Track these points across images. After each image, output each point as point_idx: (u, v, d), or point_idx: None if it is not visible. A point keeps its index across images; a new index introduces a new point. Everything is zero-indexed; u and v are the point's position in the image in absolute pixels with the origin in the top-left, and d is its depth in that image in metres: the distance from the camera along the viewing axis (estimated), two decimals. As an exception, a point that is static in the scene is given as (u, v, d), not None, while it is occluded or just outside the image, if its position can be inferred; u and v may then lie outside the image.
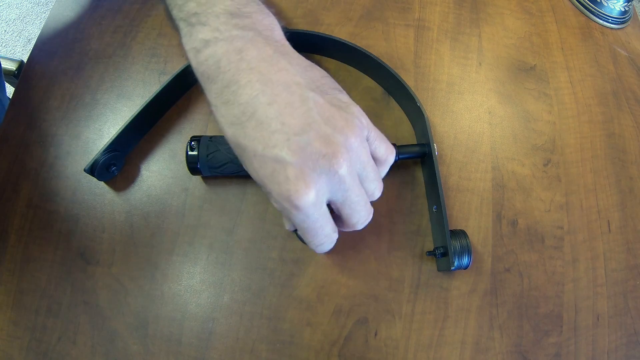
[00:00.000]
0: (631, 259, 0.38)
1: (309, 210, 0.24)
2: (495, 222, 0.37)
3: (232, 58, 0.24)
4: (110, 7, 0.43)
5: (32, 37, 1.38)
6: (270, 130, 0.23)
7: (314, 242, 0.27)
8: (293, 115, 0.23)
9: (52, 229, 0.35)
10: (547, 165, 0.40)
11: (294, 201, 0.23)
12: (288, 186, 0.23)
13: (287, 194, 0.23)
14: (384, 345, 0.33)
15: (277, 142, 0.23)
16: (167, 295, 0.34)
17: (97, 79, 0.40)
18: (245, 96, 0.23)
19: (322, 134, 0.23)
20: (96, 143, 0.38)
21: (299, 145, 0.23)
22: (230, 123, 0.24)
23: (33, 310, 0.33)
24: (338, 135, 0.24)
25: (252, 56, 0.24)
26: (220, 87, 0.24)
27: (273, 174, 0.23)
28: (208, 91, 0.25)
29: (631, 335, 0.35)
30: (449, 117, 0.41)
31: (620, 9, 0.49)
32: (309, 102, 0.24)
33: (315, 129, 0.23)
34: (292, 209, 0.24)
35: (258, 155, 0.23)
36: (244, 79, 0.24)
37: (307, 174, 0.23)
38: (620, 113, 0.44)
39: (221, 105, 0.24)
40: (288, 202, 0.23)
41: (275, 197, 0.24)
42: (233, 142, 0.25)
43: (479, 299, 0.35)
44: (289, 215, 0.25)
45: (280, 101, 0.23)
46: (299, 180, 0.23)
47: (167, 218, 0.36)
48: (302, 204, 0.23)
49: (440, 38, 0.44)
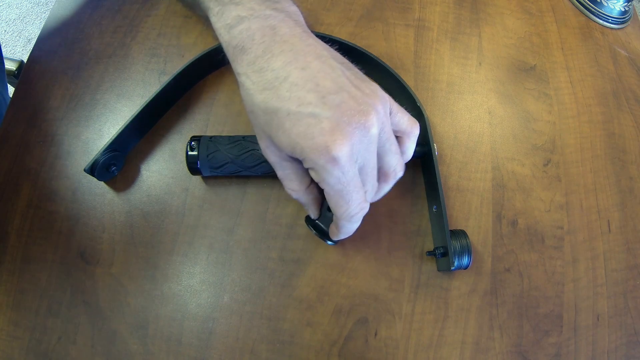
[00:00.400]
0: (631, 259, 0.38)
1: (346, 165, 0.24)
2: (495, 222, 0.37)
3: (266, 32, 0.26)
4: (110, 7, 0.43)
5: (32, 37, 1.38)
6: (305, 89, 0.24)
7: (348, 210, 0.26)
8: (326, 79, 0.25)
9: (52, 229, 0.35)
10: (547, 165, 0.40)
11: (331, 152, 0.23)
12: (325, 137, 0.23)
13: (324, 145, 0.23)
14: (384, 345, 0.33)
15: (312, 99, 0.24)
16: (167, 295, 0.34)
17: (97, 79, 0.40)
18: (279, 62, 0.25)
19: (353, 95, 0.25)
20: (96, 143, 0.38)
21: (334, 102, 0.24)
22: (262, 89, 0.25)
23: (33, 310, 0.33)
24: (367, 99, 0.25)
25: (284, 32, 0.26)
26: (253, 57, 0.26)
27: (308, 130, 0.24)
28: (239, 61, 0.26)
29: (631, 335, 0.35)
30: (449, 117, 0.41)
31: (620, 9, 0.49)
32: (337, 70, 0.25)
33: (347, 90, 0.25)
34: (328, 163, 0.24)
35: (292, 113, 0.24)
36: (277, 49, 0.25)
37: (343, 127, 0.24)
38: (620, 113, 0.44)
39: (253, 73, 0.25)
40: (325, 154, 0.23)
41: (310, 154, 0.24)
42: (262, 107, 0.25)
43: (479, 299, 0.35)
44: (324, 175, 0.24)
45: (312, 67, 0.25)
46: (335, 132, 0.23)
47: (167, 218, 0.36)
48: (340, 154, 0.23)
49: (440, 38, 0.44)
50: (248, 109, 0.27)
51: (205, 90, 0.40)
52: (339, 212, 0.27)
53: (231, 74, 0.40)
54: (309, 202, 0.31)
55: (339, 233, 0.29)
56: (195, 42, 0.42)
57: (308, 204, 0.31)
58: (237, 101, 0.39)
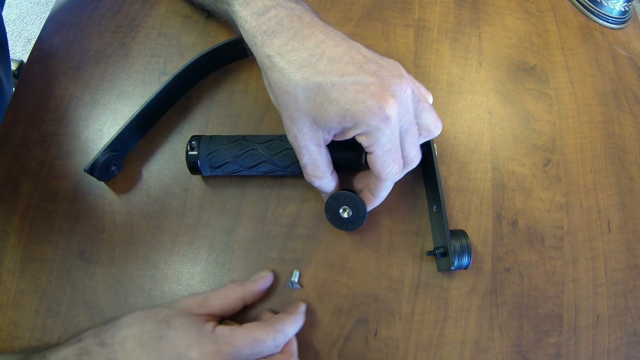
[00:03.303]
0: (631, 259, 0.38)
1: (396, 123, 0.26)
2: (495, 222, 0.37)
3: (293, 19, 0.28)
4: (110, 7, 0.43)
5: (32, 37, 1.38)
6: (344, 62, 0.26)
7: (394, 169, 0.28)
8: (357, 54, 0.27)
9: (52, 229, 0.35)
10: (547, 165, 0.40)
11: (385, 110, 0.25)
12: (375, 99, 0.25)
13: (378, 105, 0.25)
14: (384, 345, 0.33)
15: (352, 69, 0.26)
16: (167, 295, 0.34)
17: (97, 79, 0.40)
18: (312, 41, 0.27)
19: (383, 65, 0.27)
20: (96, 143, 0.38)
21: (372, 70, 0.26)
22: (299, 66, 0.27)
23: (33, 310, 0.33)
24: (393, 68, 0.27)
25: (309, 19, 0.28)
26: (285, 39, 0.27)
27: (357, 96, 0.26)
28: (269, 44, 0.28)
29: (631, 335, 0.35)
30: (449, 117, 0.41)
31: (620, 9, 0.49)
32: (362, 48, 0.28)
33: (376, 62, 0.27)
34: (382, 122, 0.26)
35: (337, 84, 0.26)
36: (308, 32, 0.27)
37: (387, 88, 0.26)
38: (620, 113, 0.44)
39: (287, 53, 0.27)
40: (379, 114, 0.25)
41: (363, 118, 0.26)
42: (302, 84, 0.27)
43: (479, 299, 0.35)
44: (378, 136, 0.26)
45: (343, 45, 0.27)
46: (383, 92, 0.26)
47: (167, 218, 0.36)
48: (392, 112, 0.26)
49: (440, 38, 0.44)
50: (283, 89, 0.28)
51: (205, 90, 0.40)
52: (385, 172, 0.28)
53: (231, 74, 0.41)
54: (332, 189, 0.32)
55: (377, 198, 0.31)
56: (195, 42, 0.42)
57: (327, 188, 0.32)
58: (237, 101, 0.39)
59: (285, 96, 0.28)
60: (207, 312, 0.29)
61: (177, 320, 0.27)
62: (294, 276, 0.34)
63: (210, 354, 0.26)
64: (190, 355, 0.25)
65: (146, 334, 0.26)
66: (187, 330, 0.27)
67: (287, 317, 0.30)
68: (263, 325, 0.29)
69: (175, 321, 0.27)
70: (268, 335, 0.28)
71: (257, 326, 0.28)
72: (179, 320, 0.27)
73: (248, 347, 0.27)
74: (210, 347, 0.26)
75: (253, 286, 0.32)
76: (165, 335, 0.26)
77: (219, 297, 0.30)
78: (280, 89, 0.28)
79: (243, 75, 0.41)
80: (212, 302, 0.29)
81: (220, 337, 0.27)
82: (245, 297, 0.31)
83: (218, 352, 0.26)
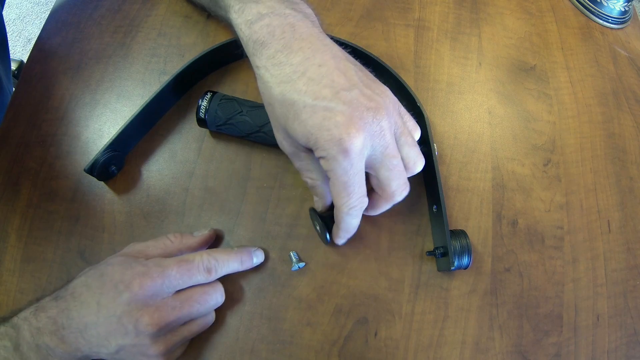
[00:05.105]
0: (631, 259, 0.38)
1: (355, 157, 0.26)
2: (495, 222, 0.37)
3: (286, 29, 0.27)
4: (110, 7, 0.43)
5: (32, 37, 1.38)
6: (321, 84, 0.26)
7: (348, 202, 0.28)
8: (340, 76, 0.26)
9: (52, 229, 0.35)
10: (547, 165, 0.40)
11: (344, 143, 0.25)
12: (339, 130, 0.25)
13: (338, 137, 0.25)
14: (384, 345, 0.33)
15: (327, 94, 0.26)
16: (167, 295, 0.34)
17: (97, 79, 0.40)
18: (298, 58, 0.27)
19: (365, 93, 0.27)
20: (96, 143, 0.38)
21: (347, 98, 0.26)
22: (280, 81, 0.27)
23: (33, 310, 0.33)
24: (378, 97, 0.27)
25: (302, 30, 0.28)
26: (273, 51, 0.27)
27: (323, 122, 0.25)
28: (259, 55, 0.28)
29: (631, 335, 0.35)
30: (449, 117, 0.41)
31: (620, 9, 0.49)
32: (351, 70, 0.27)
33: (359, 88, 0.26)
34: (339, 154, 0.25)
35: (308, 106, 0.26)
36: (297, 46, 0.27)
37: (355, 121, 0.25)
38: (620, 113, 0.44)
39: (272, 67, 0.27)
40: (338, 146, 0.25)
41: (324, 145, 0.26)
42: (280, 99, 0.27)
43: (479, 299, 0.35)
44: (333, 165, 0.26)
45: (329, 65, 0.26)
46: (349, 125, 0.25)
47: (167, 218, 0.36)
48: (352, 147, 0.25)
49: (440, 38, 0.44)
50: (266, 101, 0.28)
51: (205, 90, 0.40)
52: (340, 202, 0.28)
53: (231, 74, 0.41)
54: (324, 194, 0.32)
55: (339, 229, 0.30)
56: (195, 42, 0.42)
57: (322, 195, 0.32)
58: (237, 101, 0.39)
59: (268, 107, 0.29)
60: (145, 258, 0.31)
61: (115, 259, 0.30)
62: (293, 257, 0.34)
63: (139, 273, 0.28)
64: (124, 279, 0.28)
65: (90, 277, 0.29)
66: (121, 263, 0.29)
67: (227, 249, 0.32)
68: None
69: (113, 259, 0.30)
70: (195, 255, 0.30)
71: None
72: (117, 259, 0.30)
73: (176, 266, 0.29)
74: (140, 268, 0.28)
75: (192, 242, 0.33)
76: (104, 271, 0.29)
77: (158, 246, 0.32)
78: (264, 99, 0.29)
79: (243, 75, 0.41)
80: (150, 250, 0.32)
81: (151, 261, 0.29)
82: (182, 250, 0.33)
83: (147, 273, 0.28)
